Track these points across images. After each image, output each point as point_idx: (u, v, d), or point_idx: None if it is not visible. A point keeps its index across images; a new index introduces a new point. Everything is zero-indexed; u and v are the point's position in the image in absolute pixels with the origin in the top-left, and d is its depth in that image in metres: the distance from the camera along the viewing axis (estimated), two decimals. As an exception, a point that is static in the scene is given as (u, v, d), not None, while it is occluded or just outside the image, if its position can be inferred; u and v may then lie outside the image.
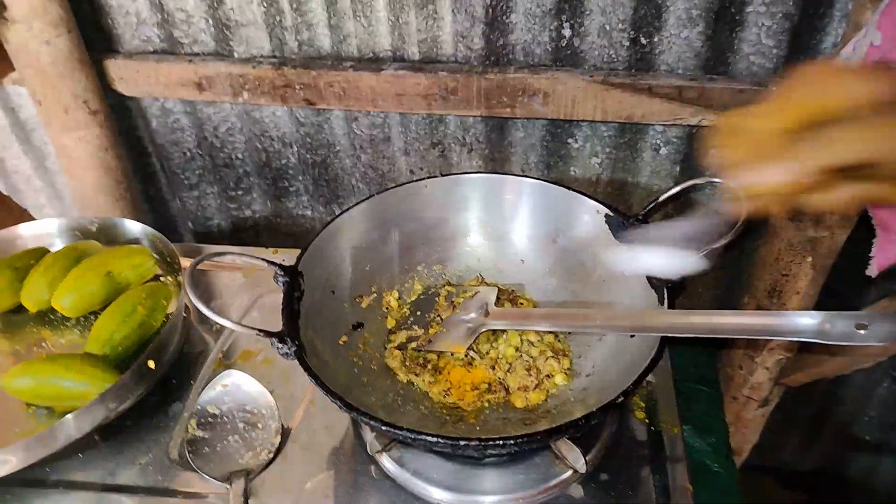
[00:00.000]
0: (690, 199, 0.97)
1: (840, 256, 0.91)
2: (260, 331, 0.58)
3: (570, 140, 0.99)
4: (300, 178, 1.15)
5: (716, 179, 0.67)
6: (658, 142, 0.96)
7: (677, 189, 0.67)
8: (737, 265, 1.07)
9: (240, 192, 1.19)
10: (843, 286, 1.03)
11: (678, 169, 0.97)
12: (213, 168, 1.16)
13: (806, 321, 0.50)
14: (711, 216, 0.56)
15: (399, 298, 0.76)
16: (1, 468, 0.60)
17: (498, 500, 0.62)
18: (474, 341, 0.69)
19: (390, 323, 0.75)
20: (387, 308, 0.76)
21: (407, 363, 0.69)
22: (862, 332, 0.48)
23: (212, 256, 0.63)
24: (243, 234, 1.24)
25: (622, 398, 0.52)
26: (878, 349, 0.87)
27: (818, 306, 1.04)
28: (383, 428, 0.52)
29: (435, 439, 0.50)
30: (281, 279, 0.63)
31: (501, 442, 0.50)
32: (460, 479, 0.63)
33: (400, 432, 0.51)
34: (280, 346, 0.57)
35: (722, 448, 0.84)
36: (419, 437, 0.51)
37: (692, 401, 0.90)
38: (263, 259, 0.64)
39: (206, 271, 0.90)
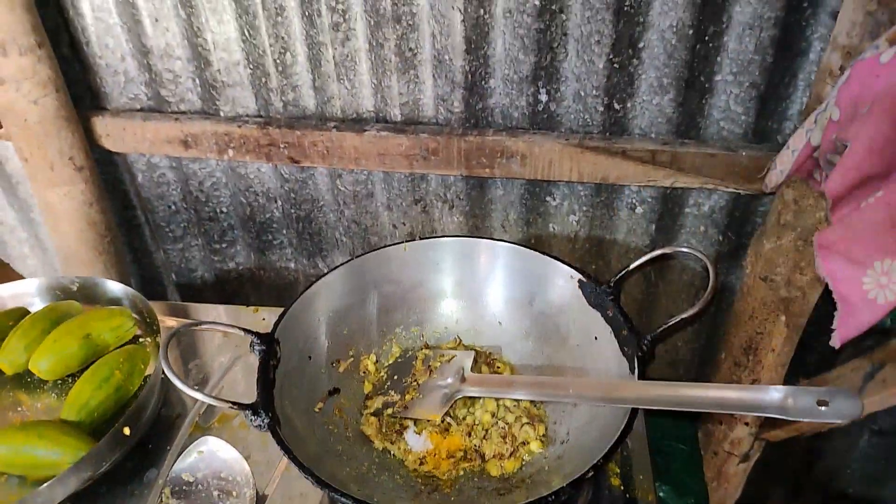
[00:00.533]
0: (666, 259, 0.99)
1: (816, 309, 0.92)
2: (234, 403, 0.58)
3: (548, 198, 1.01)
4: (284, 231, 1.16)
5: (683, 249, 0.69)
6: (634, 201, 0.98)
7: (646, 258, 0.69)
8: (714, 320, 1.09)
9: (224, 245, 1.20)
10: (820, 341, 1.05)
11: (654, 227, 0.99)
12: (197, 221, 1.17)
13: (770, 396, 0.51)
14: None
15: (376, 362, 0.77)
16: (-31, 542, 0.60)
17: (472, 571, 0.61)
18: (450, 407, 0.69)
19: (367, 387, 0.75)
20: (364, 372, 0.76)
21: (383, 430, 0.70)
22: (823, 408, 0.49)
23: (188, 327, 0.63)
24: (227, 286, 1.25)
25: (592, 473, 0.53)
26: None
27: (794, 361, 1.06)
28: (354, 504, 0.52)
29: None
30: (257, 348, 0.64)
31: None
32: (435, 549, 0.63)
33: (371, 510, 0.51)
34: (253, 418, 0.58)
35: (701, 509, 0.84)
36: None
37: (670, 460, 0.90)
38: (240, 328, 0.65)
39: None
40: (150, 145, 1.06)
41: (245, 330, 0.64)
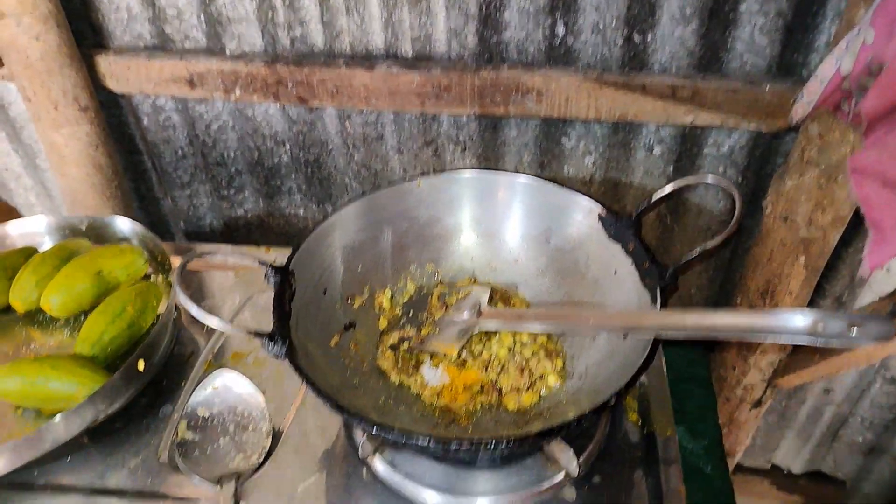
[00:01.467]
0: (683, 199, 0.97)
1: (833, 257, 0.91)
2: (250, 331, 0.57)
3: (563, 139, 0.98)
4: (293, 176, 1.14)
5: (707, 180, 0.67)
6: (651, 141, 0.95)
7: (670, 188, 0.67)
8: (730, 266, 1.07)
9: (232, 191, 1.18)
10: (836, 287, 1.03)
11: (671, 168, 0.97)
12: (204, 166, 1.15)
13: (799, 320, 0.50)
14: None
15: (391, 299, 0.76)
16: (-12, 470, 0.60)
17: (490, 503, 0.61)
18: (467, 342, 0.69)
19: (382, 324, 0.74)
20: (379, 308, 0.75)
21: (399, 364, 0.69)
22: (854, 331, 0.47)
23: (201, 255, 0.62)
24: (235, 233, 1.23)
25: (614, 400, 0.52)
26: (870, 351, 0.87)
27: (810, 307, 1.04)
28: (374, 430, 0.51)
29: (426, 441, 0.50)
30: (272, 278, 0.63)
31: (493, 443, 0.50)
32: (452, 481, 0.63)
33: (391, 434, 0.51)
34: (271, 346, 0.57)
35: (715, 450, 0.84)
36: (410, 438, 0.50)
37: (685, 402, 0.90)
38: (255, 258, 0.63)
39: (197, 271, 0.89)
40: (154, 85, 1.03)
41: (260, 261, 0.63)
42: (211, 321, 0.55)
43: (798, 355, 1.03)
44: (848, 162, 0.56)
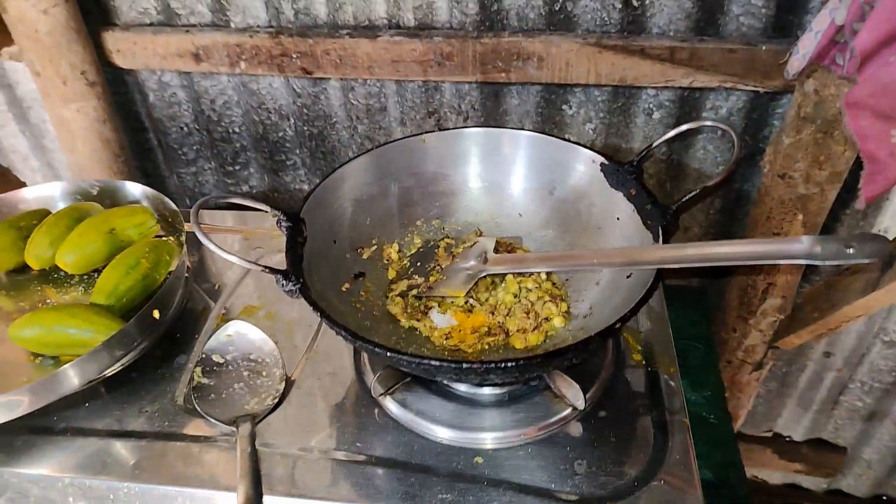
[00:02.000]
0: (684, 146, 0.99)
1: (830, 219, 0.93)
2: (266, 268, 0.59)
3: (564, 106, 1.00)
4: (297, 151, 1.15)
5: (707, 123, 0.68)
6: (651, 106, 0.97)
7: (671, 134, 0.69)
8: (728, 231, 1.09)
9: (237, 167, 1.20)
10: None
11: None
12: (210, 143, 1.17)
13: (797, 245, 0.52)
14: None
15: (399, 251, 0.78)
16: (12, 411, 0.61)
17: (499, 437, 0.63)
18: (473, 287, 0.70)
19: (391, 274, 0.76)
20: (387, 260, 0.77)
21: (408, 310, 0.70)
22: (850, 250, 0.49)
23: (217, 199, 0.64)
24: (240, 210, 1.25)
25: (619, 324, 0.54)
26: (867, 301, 0.89)
27: (809, 268, 1.06)
28: (388, 354, 0.53)
29: (439, 363, 0.52)
30: (284, 224, 0.65)
31: (503, 365, 0.51)
32: (462, 417, 0.64)
33: (404, 357, 0.52)
34: (285, 283, 0.58)
35: (718, 401, 0.86)
36: (423, 362, 0.52)
37: (688, 357, 0.92)
38: (267, 206, 0.65)
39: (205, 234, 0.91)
40: (161, 60, 1.05)
41: (272, 206, 0.65)
42: (228, 257, 0.57)
43: (798, 316, 1.05)
44: (843, 98, 0.58)
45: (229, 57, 1.02)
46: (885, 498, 1.39)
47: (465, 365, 0.51)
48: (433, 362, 0.52)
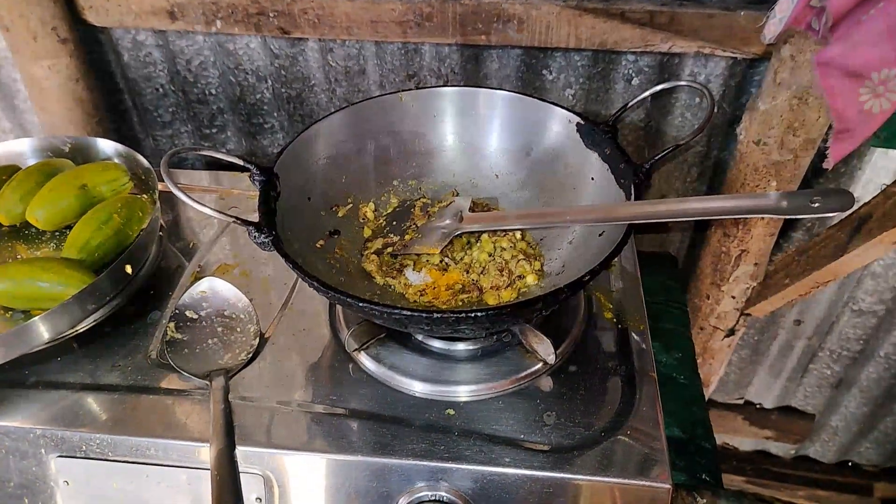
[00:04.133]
0: (662, 112, 0.99)
1: (804, 186, 0.94)
2: (238, 219, 0.58)
3: (544, 71, 1.00)
4: (275, 114, 1.14)
5: (681, 83, 0.69)
6: (630, 71, 0.97)
7: (647, 94, 0.69)
8: (705, 199, 1.10)
9: (214, 130, 1.18)
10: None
11: (649, 100, 0.99)
12: (186, 105, 1.15)
13: (764, 200, 0.53)
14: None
15: (375, 210, 0.78)
16: (-21, 362, 0.61)
17: (471, 390, 0.64)
18: (448, 245, 0.71)
19: (367, 233, 0.76)
20: (363, 218, 0.77)
21: (384, 268, 0.71)
22: (815, 204, 0.50)
23: (188, 151, 0.63)
24: (215, 170, 1.23)
25: (589, 277, 0.54)
26: (835, 266, 0.91)
27: (782, 236, 1.08)
28: (361, 305, 0.53)
29: (410, 314, 0.52)
30: (257, 178, 0.64)
31: (473, 315, 0.52)
32: (435, 372, 0.65)
33: (376, 307, 0.53)
34: (257, 234, 0.58)
35: (688, 362, 0.87)
36: (395, 312, 0.52)
37: (660, 320, 0.93)
38: (240, 159, 0.64)
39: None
40: (135, 17, 1.03)
41: (245, 160, 0.64)
42: (200, 207, 0.57)
43: (770, 283, 1.07)
44: (814, 57, 0.59)
45: (205, 15, 1.00)
46: (850, 464, 1.43)
47: (436, 315, 0.52)
48: (405, 312, 0.52)
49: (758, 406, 1.40)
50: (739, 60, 0.92)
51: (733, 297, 1.07)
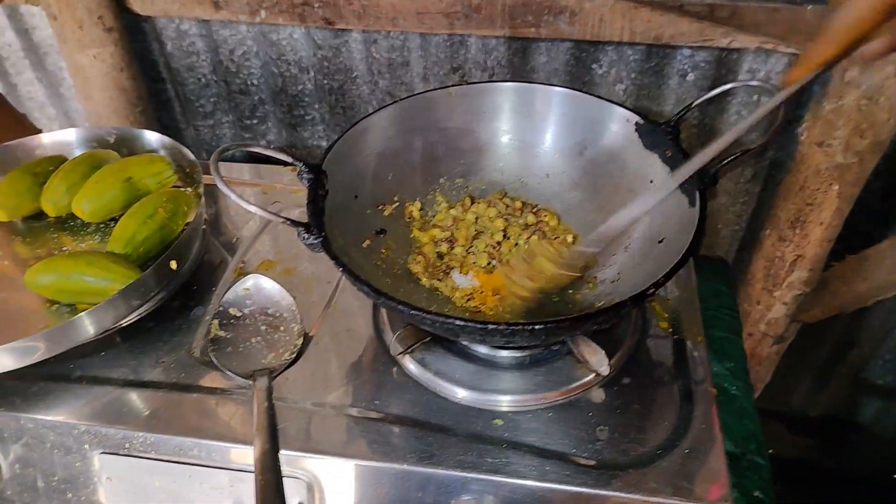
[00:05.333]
0: (718, 110, 0.95)
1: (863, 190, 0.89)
2: (288, 219, 0.57)
3: (594, 65, 0.97)
4: (316, 105, 1.13)
5: (753, 83, 0.65)
6: (686, 66, 0.93)
7: (712, 94, 0.66)
8: (757, 201, 1.06)
9: (255, 121, 1.18)
10: (865, 221, 1.02)
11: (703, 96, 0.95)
12: (227, 95, 1.15)
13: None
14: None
15: (421, 209, 0.76)
16: (28, 357, 0.61)
17: (519, 400, 0.62)
18: (496, 248, 0.68)
19: (413, 233, 0.74)
20: (409, 217, 0.75)
21: (430, 269, 0.69)
22: None
23: (238, 147, 0.62)
24: (256, 163, 1.23)
25: (653, 289, 0.52)
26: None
27: (839, 241, 1.03)
28: (412, 313, 0.51)
29: (464, 324, 0.50)
30: (305, 176, 0.63)
31: (530, 328, 0.50)
32: (482, 379, 0.63)
33: (428, 316, 0.51)
34: (307, 236, 0.57)
35: (740, 372, 0.84)
36: (448, 321, 0.50)
37: (712, 327, 0.90)
38: (289, 155, 0.63)
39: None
40: (179, 7, 1.02)
41: (294, 157, 0.63)
42: (250, 207, 0.55)
43: (825, 289, 1.02)
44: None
45: (249, 5, 0.99)
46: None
47: (490, 326, 0.50)
48: (458, 322, 0.50)
49: (801, 415, 1.35)
50: (803, 57, 0.88)
51: (785, 304, 1.03)
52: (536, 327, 0.49)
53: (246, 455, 0.60)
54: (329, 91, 1.10)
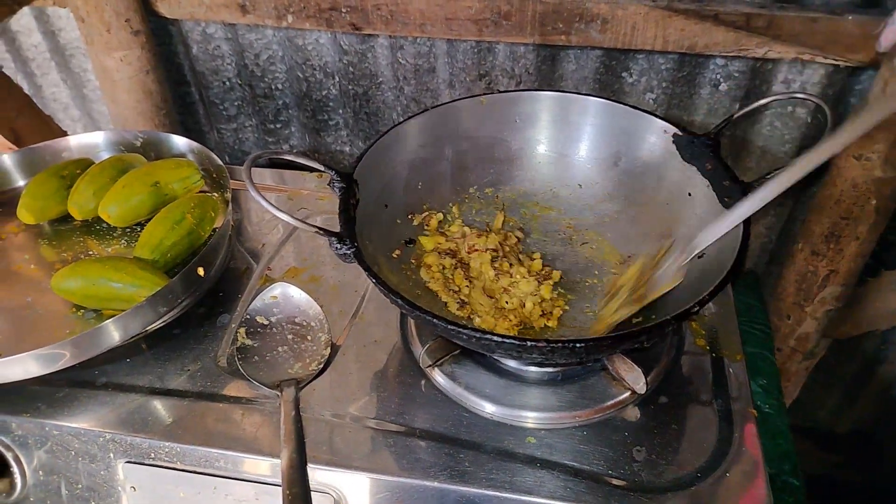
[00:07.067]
0: (751, 121, 0.93)
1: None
2: (320, 229, 0.56)
3: (624, 74, 0.95)
4: (340, 111, 1.12)
5: (798, 95, 0.63)
6: (718, 76, 0.91)
7: (754, 105, 0.64)
8: (789, 214, 1.04)
9: (278, 126, 1.17)
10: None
11: (737, 107, 0.93)
12: (252, 99, 1.14)
13: None
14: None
15: (441, 221, 0.74)
16: (54, 363, 0.60)
17: (551, 417, 0.60)
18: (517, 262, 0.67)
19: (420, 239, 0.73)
20: (427, 227, 0.74)
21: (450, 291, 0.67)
22: None
23: (270, 155, 0.61)
24: (280, 169, 1.22)
25: (697, 308, 0.50)
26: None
27: (873, 256, 1.01)
28: (449, 327, 0.50)
29: (501, 340, 0.49)
30: (337, 185, 0.61)
31: (570, 345, 0.48)
32: (513, 394, 0.61)
33: (463, 331, 0.49)
34: (339, 246, 0.56)
35: (774, 390, 0.82)
36: (484, 337, 0.49)
37: (745, 343, 0.87)
38: (320, 163, 0.62)
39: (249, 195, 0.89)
40: (206, 10, 1.01)
41: (326, 166, 0.62)
42: (284, 216, 0.54)
43: (858, 306, 1.00)
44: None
45: (276, 9, 0.98)
46: (926, 497, 1.34)
47: (529, 343, 0.48)
48: (495, 338, 0.49)
49: (828, 431, 1.32)
50: (841, 68, 0.86)
51: (816, 319, 1.00)
52: (577, 345, 0.48)
53: (272, 467, 0.59)
54: (353, 96, 1.09)
